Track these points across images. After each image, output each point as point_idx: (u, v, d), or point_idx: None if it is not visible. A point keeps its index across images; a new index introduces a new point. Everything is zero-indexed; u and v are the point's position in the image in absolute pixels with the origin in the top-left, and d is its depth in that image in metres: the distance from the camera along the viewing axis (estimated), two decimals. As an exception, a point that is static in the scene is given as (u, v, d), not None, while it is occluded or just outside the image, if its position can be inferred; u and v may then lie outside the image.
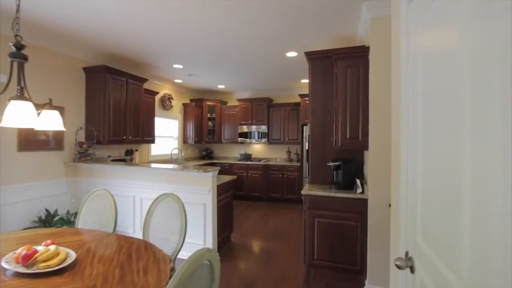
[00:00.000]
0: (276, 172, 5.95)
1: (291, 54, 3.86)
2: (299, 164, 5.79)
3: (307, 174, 5.43)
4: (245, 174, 6.16)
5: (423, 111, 0.95)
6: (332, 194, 2.56)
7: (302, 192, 2.68)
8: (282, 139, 6.19)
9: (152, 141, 4.90)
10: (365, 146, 2.51)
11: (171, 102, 5.80)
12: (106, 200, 2.10)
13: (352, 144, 2.56)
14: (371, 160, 2.41)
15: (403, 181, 1.15)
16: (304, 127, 5.50)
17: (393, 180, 1.45)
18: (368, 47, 2.46)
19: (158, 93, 5.02)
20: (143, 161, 5.05)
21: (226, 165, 6.34)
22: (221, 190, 3.32)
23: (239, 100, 6.50)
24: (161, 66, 4.61)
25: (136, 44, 3.57)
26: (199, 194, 3.02)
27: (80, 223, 2.11)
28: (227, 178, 3.53)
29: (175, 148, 5.75)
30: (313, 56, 3.04)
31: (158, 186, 3.23)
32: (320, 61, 3.04)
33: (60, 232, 1.83)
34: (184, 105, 6.39)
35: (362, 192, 2.55)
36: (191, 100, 6.60)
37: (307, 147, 5.38)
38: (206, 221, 3.01)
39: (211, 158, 7.02)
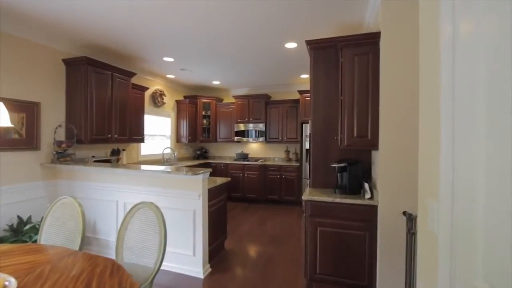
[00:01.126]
0: (274, 173, 5.64)
1: (291, 45, 3.54)
2: (298, 164, 5.49)
3: (308, 176, 5.13)
4: (241, 174, 5.85)
5: (488, 105, 0.65)
6: (337, 200, 2.26)
7: (303, 197, 2.38)
8: (280, 138, 5.89)
9: (141, 140, 4.57)
10: (375, 146, 2.21)
11: (163, 99, 5.47)
12: (74, 210, 1.78)
13: (360, 143, 2.26)
14: (382, 161, 2.11)
15: (445, 194, 0.84)
16: (304, 125, 5.20)
17: (423, 189, 1.14)
18: (379, 33, 2.16)
19: (148, 88, 4.69)
20: (132, 161, 4.73)
21: (222, 165, 6.03)
22: (214, 194, 3.01)
23: (235, 97, 6.18)
24: (151, 60, 4.28)
25: (122, 33, 3.24)
26: (188, 199, 2.71)
27: (43, 237, 1.79)
28: (220, 180, 3.22)
29: (167, 148, 5.43)
30: (315, 45, 2.73)
31: (142, 190, 2.91)
32: (323, 51, 2.74)
33: (11, 251, 1.51)
34: (177, 102, 6.07)
35: (371, 198, 2.25)
36: (185, 97, 6.28)
37: (307, 146, 5.08)
38: (196, 229, 2.70)
39: (206, 158, 6.70)
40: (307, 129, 5.14)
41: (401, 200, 2.06)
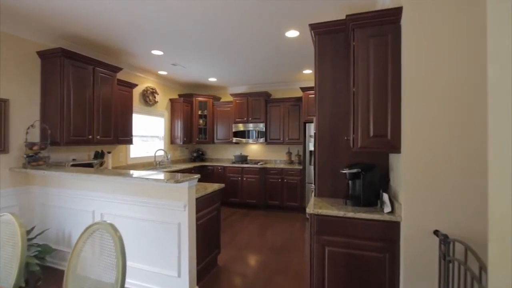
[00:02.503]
0: (275, 176, 5.23)
1: (292, 33, 3.14)
2: (301, 167, 5.08)
3: (312, 181, 4.71)
4: (239, 178, 5.44)
5: None
6: (350, 214, 1.84)
7: (308, 210, 1.97)
8: (281, 139, 5.47)
9: (129, 142, 4.19)
10: (396, 148, 1.79)
11: (155, 97, 5.09)
12: (13, 232, 1.38)
13: (378, 145, 1.84)
14: (407, 167, 1.69)
15: None
16: (307, 124, 4.79)
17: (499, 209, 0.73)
18: (400, 8, 1.75)
19: (136, 85, 4.31)
20: (120, 165, 4.34)
21: (219, 168, 5.63)
22: (204, 204, 2.61)
23: (233, 95, 5.79)
24: (138, 53, 3.90)
25: (103, 22, 2.86)
26: (172, 210, 2.31)
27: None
28: (212, 187, 2.82)
29: (160, 150, 5.04)
30: (321, 30, 2.32)
31: (120, 199, 2.52)
32: (331, 36, 2.33)
33: None
34: (171, 100, 5.68)
35: (392, 212, 1.83)
36: (179, 95, 5.89)
37: (311, 148, 4.67)
38: (181, 245, 2.30)
39: (203, 160, 6.31)
40: (310, 129, 4.73)
41: (431, 216, 1.64)
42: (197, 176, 2.37)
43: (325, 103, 2.35)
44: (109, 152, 3.92)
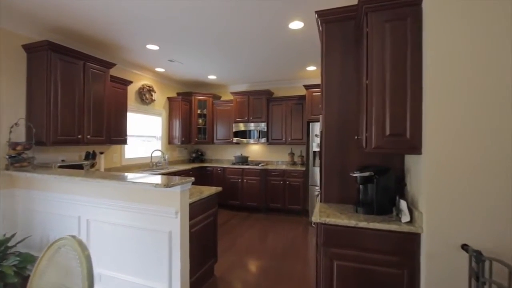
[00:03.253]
0: (276, 178, 5.00)
1: (296, 25, 2.91)
2: (304, 169, 4.84)
3: (316, 183, 4.48)
4: (240, 180, 5.22)
5: None
6: (362, 224, 1.61)
7: (314, 218, 1.73)
8: (284, 139, 5.24)
9: (124, 142, 3.97)
10: (416, 148, 1.56)
11: (152, 95, 4.88)
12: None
13: (395, 145, 1.61)
14: (430, 171, 1.46)
15: None
16: (311, 124, 4.56)
17: None
18: (422, -12, 1.52)
19: (131, 82, 4.10)
20: (114, 166, 4.13)
21: (219, 169, 5.41)
22: (199, 209, 2.39)
23: (233, 93, 5.56)
24: (132, 48, 3.69)
25: (95, 14, 2.65)
26: (163, 217, 2.09)
27: None
28: (208, 191, 2.59)
29: (156, 150, 4.83)
30: (328, 17, 2.10)
31: (106, 204, 2.30)
32: (339, 25, 2.10)
33: None
34: (169, 99, 5.47)
35: (411, 221, 1.60)
36: (178, 94, 5.68)
37: (314, 149, 4.44)
38: (173, 256, 2.08)
39: (202, 161, 6.09)
40: (314, 128, 4.49)
41: (459, 227, 1.41)
42: (191, 179, 2.14)
43: (333, 99, 2.12)
44: (101, 153, 3.71)
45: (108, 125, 3.63)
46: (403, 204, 1.63)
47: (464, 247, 1.38)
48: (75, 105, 3.15)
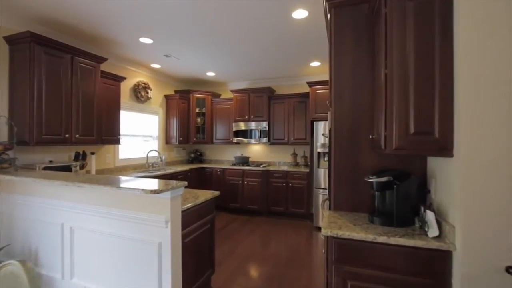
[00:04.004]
0: (278, 180, 4.76)
1: (300, 13, 2.67)
2: (307, 170, 4.59)
3: (321, 185, 4.23)
4: (240, 182, 4.98)
5: None
6: (382, 239, 1.37)
7: (324, 231, 1.49)
8: (286, 139, 5.00)
9: (116, 142, 3.74)
10: (447, 149, 1.31)
11: (147, 93, 4.65)
12: None
13: (420, 145, 1.36)
14: (465, 177, 1.21)
15: None
16: (315, 123, 4.31)
17: None
18: (454, -42, 1.27)
19: (125, 78, 3.86)
20: (107, 167, 3.91)
21: (218, 170, 5.17)
22: (193, 216, 2.15)
23: (233, 91, 5.32)
24: (124, 41, 3.46)
25: (83, 4, 2.43)
26: (151, 226, 1.85)
27: None
28: (204, 195, 2.36)
29: (153, 150, 4.60)
30: (338, 0, 1.85)
31: (94, 211, 2.07)
32: (350, 9, 1.86)
33: None
34: (166, 97, 5.24)
35: (439, 236, 1.36)
36: (175, 92, 5.45)
37: (319, 149, 4.19)
38: (163, 270, 1.84)
39: (201, 161, 5.86)
40: (318, 127, 4.25)
41: (502, 245, 1.17)
42: (183, 183, 1.90)
43: (343, 94, 1.88)
44: (92, 153, 3.49)
45: (99, 124, 3.41)
46: (430, 215, 1.39)
47: (510, 270, 1.13)
48: (62, 102, 2.92)
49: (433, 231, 1.36)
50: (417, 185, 1.59)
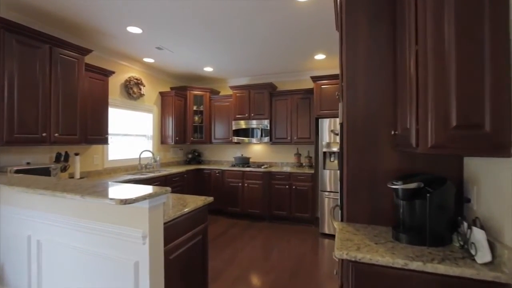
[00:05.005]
0: (281, 182, 4.43)
1: (304, -6, 2.35)
2: (312, 171, 4.26)
3: (327, 187, 3.90)
4: (240, 184, 4.66)
5: None
6: (415, 266, 1.04)
7: (338, 253, 1.17)
8: (289, 138, 4.67)
9: (103, 141, 3.44)
10: (504, 147, 0.98)
11: (140, 89, 4.35)
12: None
13: (467, 143, 1.03)
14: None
15: None
16: (320, 120, 3.98)
17: None
18: None
19: (113, 72, 3.56)
20: (94, 169, 3.61)
21: (217, 172, 4.86)
22: (181, 228, 1.83)
23: (233, 87, 5.01)
24: (111, 31, 3.16)
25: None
26: (127, 242, 1.54)
27: None
28: (194, 202, 2.04)
29: (146, 151, 4.30)
30: (351, -33, 1.53)
31: (63, 222, 1.76)
32: (366, -23, 1.54)
33: None
34: (161, 94, 4.94)
35: (492, 262, 1.02)
36: (171, 88, 5.15)
37: (324, 149, 3.86)
38: (142, 295, 1.52)
39: (199, 162, 5.55)
40: (323, 125, 3.92)
41: None
42: (166, 189, 1.59)
43: (358, 80, 1.55)
44: (76, 154, 3.19)
45: (83, 122, 3.11)
46: (478, 234, 1.06)
47: None
48: (38, 97, 2.63)
49: (483, 256, 1.02)
50: (456, 192, 1.26)
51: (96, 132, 3.31)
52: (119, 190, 1.54)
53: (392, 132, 1.44)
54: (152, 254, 1.51)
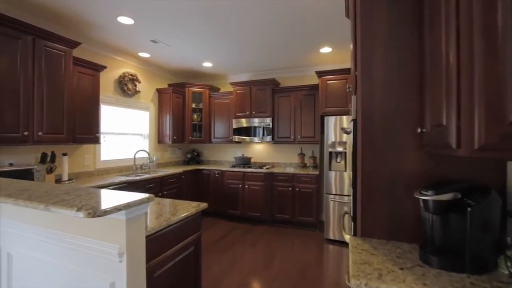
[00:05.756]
0: (284, 184, 4.19)
1: (310, -24, 2.10)
2: (317, 172, 4.01)
3: (333, 190, 3.65)
4: (240, 186, 4.43)
5: None
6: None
7: (353, 283, 0.93)
8: (292, 137, 4.43)
9: (94, 140, 3.23)
10: None
11: (135, 86, 4.13)
12: None
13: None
14: None
15: None
16: (325, 118, 3.73)
17: None
18: None
19: (104, 67, 3.34)
20: (85, 170, 3.40)
21: (216, 173, 4.63)
22: (167, 241, 1.60)
23: (233, 84, 4.77)
24: (100, 22, 2.94)
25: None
26: (102, 258, 1.32)
27: None
28: (185, 208, 1.81)
29: (141, 150, 4.08)
30: None
31: (36, 233, 1.54)
32: None
33: None
34: (158, 91, 4.72)
35: (562, 301, 0.78)
36: (169, 85, 4.93)
37: (330, 149, 3.62)
38: (120, 321, 1.30)
39: (198, 162, 5.33)
40: (329, 123, 3.67)
41: None
42: (150, 196, 1.35)
43: (375, 68, 1.31)
44: (64, 154, 2.98)
45: (71, 120, 2.90)
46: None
47: None
48: (19, 93, 2.42)
49: (550, 293, 0.78)
50: (502, 204, 1.01)
51: (85, 131, 3.10)
52: (94, 198, 1.31)
53: (419, 130, 1.19)
54: (131, 273, 1.28)
